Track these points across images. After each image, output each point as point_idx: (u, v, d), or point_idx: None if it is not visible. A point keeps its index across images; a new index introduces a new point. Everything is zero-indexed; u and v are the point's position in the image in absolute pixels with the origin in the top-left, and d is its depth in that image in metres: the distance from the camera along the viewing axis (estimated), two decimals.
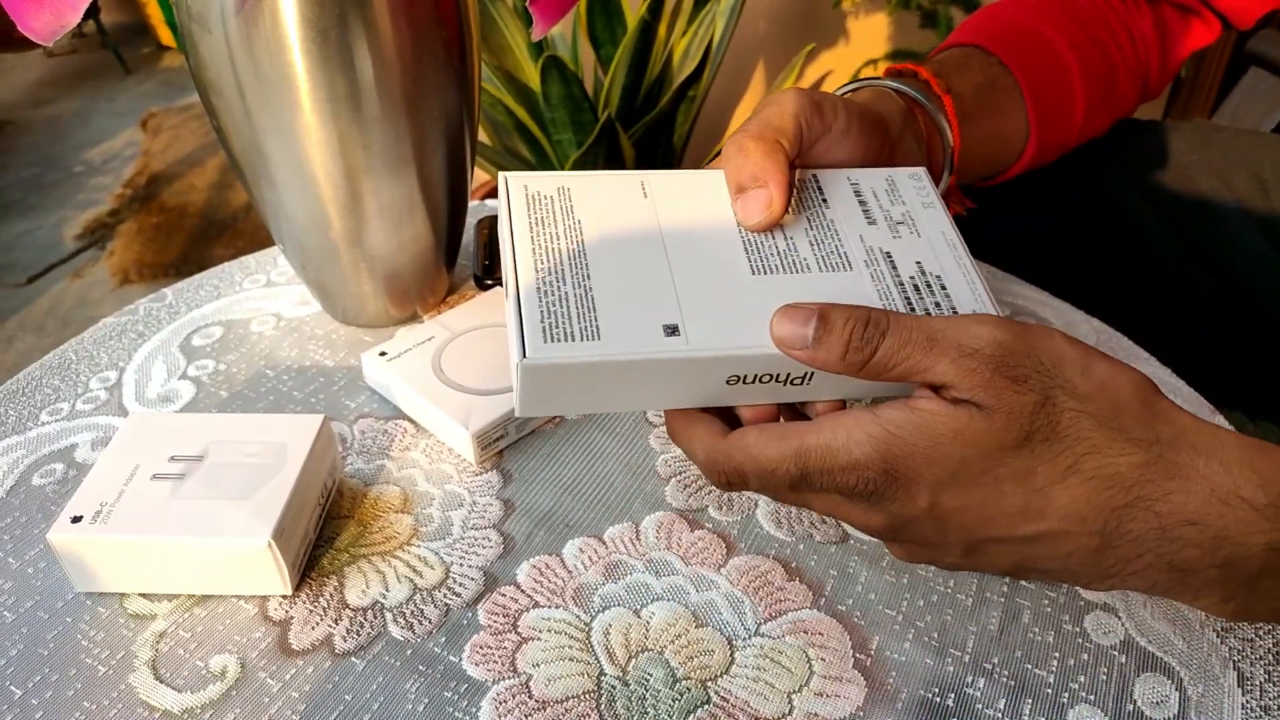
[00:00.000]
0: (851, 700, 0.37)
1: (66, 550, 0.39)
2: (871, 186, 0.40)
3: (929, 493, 0.32)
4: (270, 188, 0.50)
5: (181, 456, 0.42)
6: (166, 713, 0.36)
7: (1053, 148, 0.61)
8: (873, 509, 0.33)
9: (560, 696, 0.36)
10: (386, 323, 0.58)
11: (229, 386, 0.53)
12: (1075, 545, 0.32)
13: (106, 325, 0.58)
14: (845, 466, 0.32)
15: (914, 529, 0.34)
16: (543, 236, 0.35)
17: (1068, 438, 0.31)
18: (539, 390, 0.33)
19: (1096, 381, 0.31)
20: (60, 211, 2.42)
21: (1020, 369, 0.31)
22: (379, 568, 0.42)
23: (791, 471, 0.33)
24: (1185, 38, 0.65)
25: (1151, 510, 0.30)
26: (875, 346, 0.32)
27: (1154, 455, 0.31)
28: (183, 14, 0.46)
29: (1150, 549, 0.31)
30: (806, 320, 0.32)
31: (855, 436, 0.32)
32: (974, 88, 0.54)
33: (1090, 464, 0.31)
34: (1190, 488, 0.30)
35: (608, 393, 0.34)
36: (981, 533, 0.33)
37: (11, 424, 0.50)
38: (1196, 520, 0.30)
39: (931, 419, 0.31)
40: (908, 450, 0.31)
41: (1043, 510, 0.31)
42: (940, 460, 0.31)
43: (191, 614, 0.40)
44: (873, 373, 0.32)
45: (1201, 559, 0.31)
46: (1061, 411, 0.31)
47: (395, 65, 0.46)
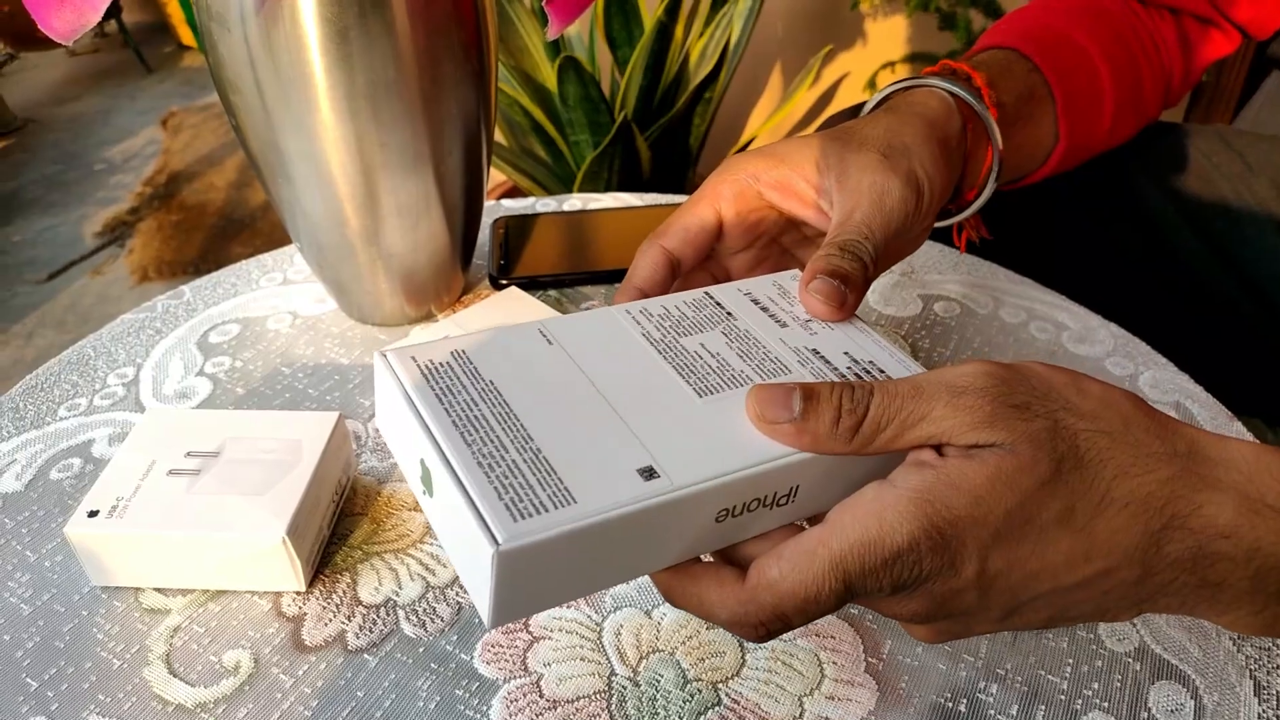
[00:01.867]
0: (863, 704, 0.36)
1: (83, 544, 0.39)
2: (764, 293, 0.37)
3: (976, 559, 0.29)
4: (288, 186, 0.50)
5: (197, 452, 0.42)
6: (180, 707, 0.36)
7: (1079, 154, 0.60)
8: (908, 596, 0.29)
9: (571, 696, 0.36)
10: (402, 321, 0.58)
11: (245, 383, 0.53)
12: (1116, 580, 0.30)
13: (125, 322, 0.59)
14: (890, 558, 0.28)
15: (954, 603, 0.30)
16: (457, 408, 0.29)
17: (1093, 462, 0.29)
18: (517, 583, 0.27)
19: (1095, 398, 0.30)
20: (81, 209, 2.45)
21: (1018, 396, 0.29)
22: (392, 565, 0.42)
23: (836, 589, 0.28)
24: (1206, 48, 0.65)
25: (1186, 528, 0.29)
26: (866, 405, 0.30)
27: (1178, 469, 0.29)
28: (202, 13, 0.46)
29: (1186, 569, 0.30)
30: (788, 397, 0.30)
31: (888, 519, 0.28)
32: (1015, 97, 0.53)
33: (1122, 489, 0.29)
34: (1219, 499, 0.29)
35: (591, 566, 0.29)
36: (1026, 592, 0.30)
37: (30, 419, 0.51)
38: (1230, 534, 0.29)
39: (960, 474, 0.28)
40: (948, 516, 0.28)
41: (1088, 553, 0.29)
42: (984, 519, 0.28)
43: (206, 609, 0.40)
44: (865, 438, 0.30)
45: (1234, 572, 0.30)
46: (1076, 434, 0.29)
47: (413, 64, 0.46)
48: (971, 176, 0.50)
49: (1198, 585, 0.30)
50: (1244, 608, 0.31)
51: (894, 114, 0.44)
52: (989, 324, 0.57)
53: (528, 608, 0.29)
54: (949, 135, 0.45)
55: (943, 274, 0.62)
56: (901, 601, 0.30)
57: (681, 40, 1.49)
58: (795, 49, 1.89)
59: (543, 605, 0.30)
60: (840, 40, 1.84)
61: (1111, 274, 0.68)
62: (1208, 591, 0.30)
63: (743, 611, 0.29)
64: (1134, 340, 0.56)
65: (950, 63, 0.52)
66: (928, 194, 0.40)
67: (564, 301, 0.60)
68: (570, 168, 1.53)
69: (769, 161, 0.41)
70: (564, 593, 0.29)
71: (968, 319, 0.58)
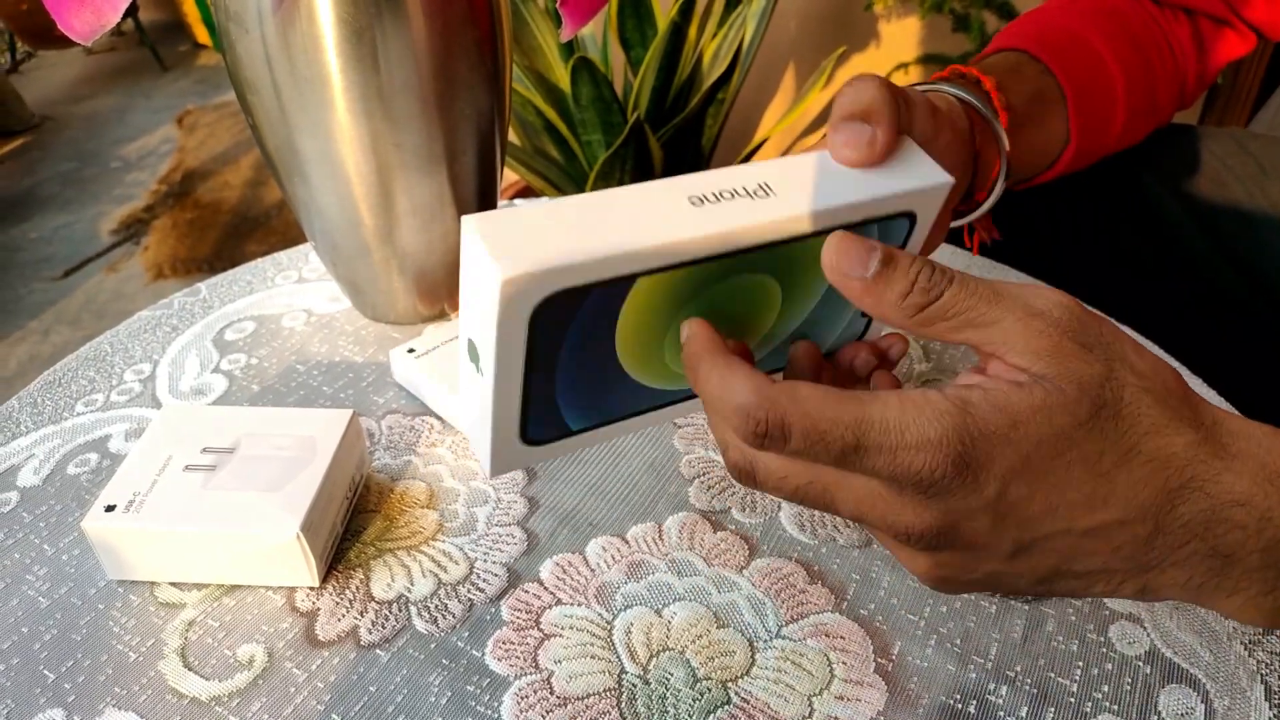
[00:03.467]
0: (872, 705, 0.36)
1: (100, 538, 0.40)
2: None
3: (998, 482, 0.29)
4: (303, 185, 0.51)
5: (213, 448, 0.42)
6: (194, 700, 0.37)
7: (1090, 155, 0.60)
8: (926, 503, 0.30)
9: (582, 693, 0.37)
10: (415, 320, 0.58)
11: (260, 380, 0.54)
12: (1128, 535, 0.30)
13: (141, 319, 0.59)
14: (914, 445, 0.28)
15: (966, 527, 0.30)
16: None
17: (1130, 415, 0.30)
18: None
19: (1149, 361, 0.31)
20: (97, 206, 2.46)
21: (1086, 336, 0.30)
22: (404, 562, 0.42)
23: (847, 439, 0.28)
24: (1221, 48, 0.64)
25: (1203, 491, 0.30)
26: (941, 291, 0.30)
27: (1203, 435, 0.30)
28: (220, 13, 0.46)
29: (1197, 534, 0.30)
30: (867, 254, 0.30)
31: (926, 413, 0.28)
32: (1025, 99, 0.53)
33: (1150, 444, 0.30)
34: (1239, 467, 0.30)
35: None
36: (1039, 528, 0.30)
37: (48, 414, 0.51)
38: (1245, 501, 0.30)
39: (1006, 396, 0.29)
40: (984, 430, 0.28)
41: (1106, 498, 0.30)
42: (1017, 441, 0.29)
43: (220, 603, 0.40)
44: (928, 321, 0.30)
45: (1246, 542, 0.30)
46: (1124, 386, 0.30)
47: (428, 65, 0.47)
48: (981, 178, 0.50)
49: (1208, 554, 0.30)
50: (1254, 586, 0.31)
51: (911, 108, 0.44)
52: None
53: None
54: (957, 129, 0.45)
55: None
56: (917, 509, 0.30)
57: (695, 41, 1.50)
58: (808, 50, 1.89)
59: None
60: (854, 41, 1.83)
61: (1123, 276, 0.68)
62: (1217, 564, 0.30)
63: (754, 403, 0.29)
64: (1146, 342, 0.56)
65: (960, 68, 0.52)
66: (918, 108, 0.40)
67: None
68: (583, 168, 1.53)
69: None
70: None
71: None
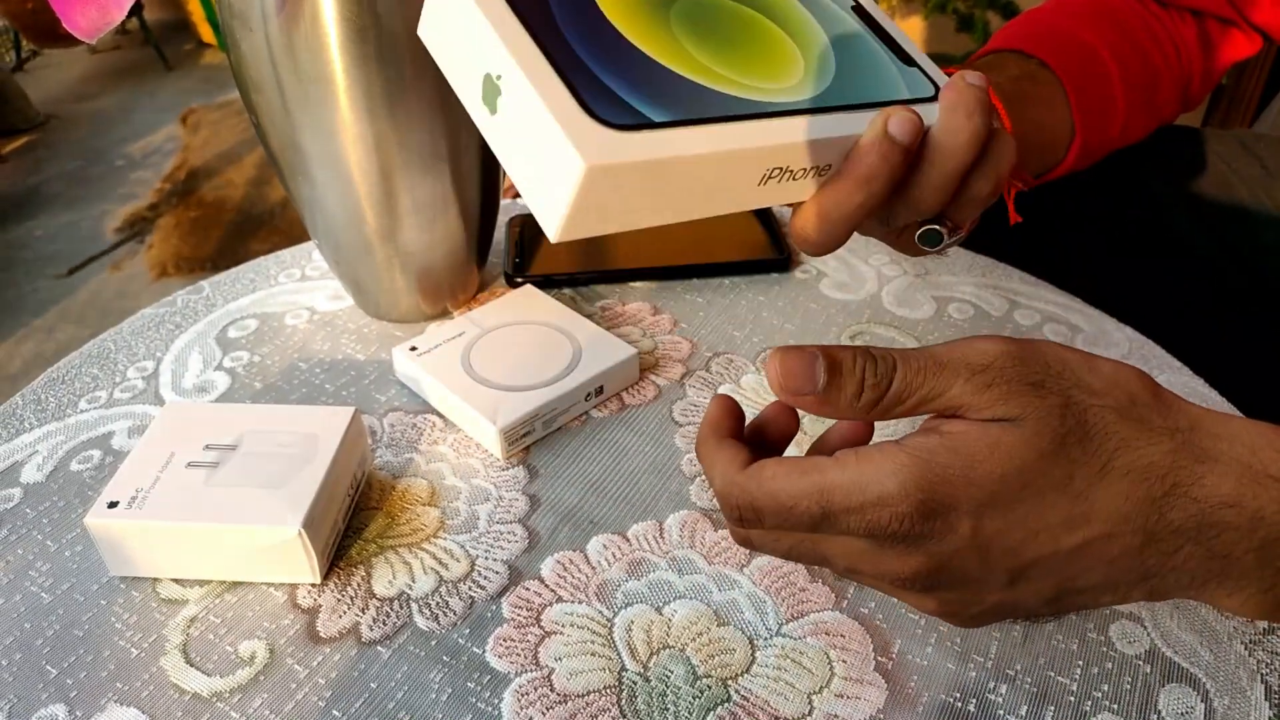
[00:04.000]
0: (872, 703, 0.37)
1: (102, 534, 0.40)
2: None
3: (970, 519, 0.30)
4: (307, 184, 0.51)
5: (216, 445, 0.42)
6: (196, 695, 0.37)
7: (1096, 147, 0.60)
8: (907, 552, 0.31)
9: (582, 690, 0.37)
10: (418, 318, 0.58)
11: (263, 378, 0.54)
12: (1120, 548, 0.31)
13: (144, 316, 0.59)
14: (875, 501, 0.30)
15: (954, 566, 0.31)
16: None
17: (1098, 435, 0.30)
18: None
19: (1105, 377, 0.31)
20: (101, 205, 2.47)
21: (1034, 375, 0.30)
22: (406, 559, 0.42)
23: (812, 510, 0.30)
24: (1227, 49, 0.65)
25: (1189, 496, 0.30)
26: (889, 381, 0.31)
27: (1179, 442, 0.30)
28: (225, 12, 0.46)
29: (1191, 538, 0.30)
30: (811, 367, 0.30)
31: (884, 468, 0.30)
32: (1011, 79, 0.54)
33: (1124, 459, 0.30)
34: (1221, 469, 0.30)
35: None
36: (1027, 553, 0.31)
37: (51, 410, 0.51)
38: (1233, 502, 0.30)
39: (963, 439, 0.30)
40: (943, 475, 0.29)
41: (1086, 515, 0.30)
42: (979, 480, 0.29)
43: (222, 600, 0.41)
44: (885, 411, 0.31)
45: (1240, 542, 0.30)
46: (1085, 409, 0.30)
47: (431, 64, 0.47)
48: None
49: (1206, 556, 0.30)
50: (1252, 585, 0.31)
51: None
52: (1003, 326, 0.57)
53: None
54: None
55: (957, 276, 0.62)
56: (899, 558, 0.31)
57: None
58: None
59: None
60: None
61: (1127, 276, 0.68)
62: (1216, 565, 0.30)
63: (728, 490, 0.32)
64: (1149, 344, 0.56)
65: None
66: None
67: (578, 300, 0.60)
68: None
69: None
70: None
71: (982, 321, 0.58)
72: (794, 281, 0.62)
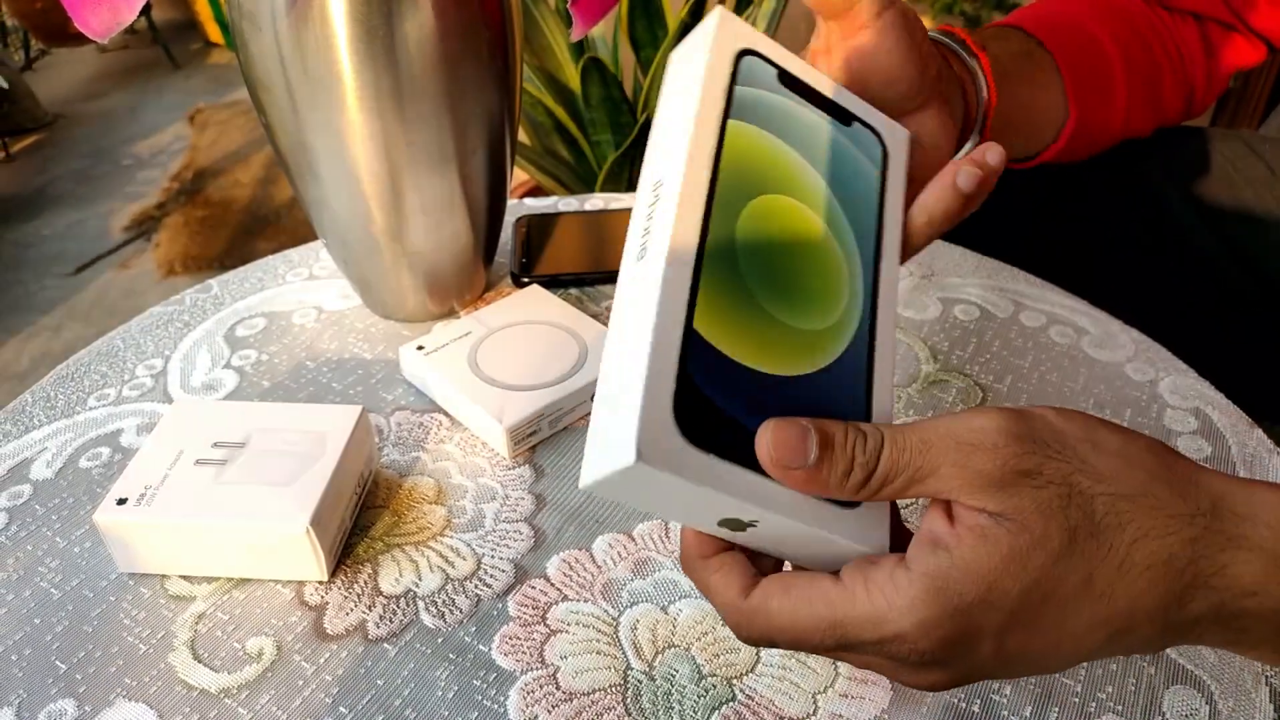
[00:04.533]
0: (876, 703, 0.37)
1: (111, 531, 0.40)
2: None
3: (993, 640, 0.28)
4: (315, 183, 0.51)
5: (224, 443, 0.43)
6: (204, 692, 0.37)
7: (1094, 132, 0.60)
8: (928, 669, 0.29)
9: (587, 689, 0.37)
10: (425, 318, 0.58)
11: (271, 376, 0.54)
12: (1138, 637, 0.29)
13: (153, 314, 0.60)
14: (894, 637, 0.28)
15: (976, 675, 0.30)
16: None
17: (1111, 528, 0.28)
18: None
19: (1112, 454, 0.29)
20: (109, 203, 2.48)
21: (1030, 459, 0.28)
22: (412, 557, 0.43)
23: (828, 642, 0.29)
24: (1229, 53, 0.65)
25: (1209, 586, 0.28)
26: (877, 457, 0.29)
27: (1200, 528, 0.28)
28: (234, 11, 0.47)
29: (1209, 622, 0.29)
30: (803, 441, 0.28)
31: (897, 604, 0.28)
32: (1011, 55, 0.55)
33: (1142, 551, 0.28)
34: (1246, 557, 0.28)
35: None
36: (1050, 661, 0.29)
37: (60, 408, 0.52)
38: (1256, 591, 0.28)
39: (973, 556, 0.28)
40: (960, 605, 0.27)
41: (1108, 619, 0.28)
42: (998, 602, 0.28)
43: (230, 596, 0.41)
44: (874, 490, 0.29)
45: (1259, 626, 0.29)
46: (1092, 499, 0.28)
47: (439, 65, 0.47)
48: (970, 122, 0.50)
49: (1222, 634, 0.29)
50: (1267, 647, 0.30)
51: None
52: (1009, 328, 0.57)
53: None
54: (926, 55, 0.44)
55: (963, 277, 0.62)
56: (918, 672, 0.30)
57: None
58: None
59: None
60: None
61: (1133, 279, 0.68)
62: (1232, 635, 0.30)
63: (737, 619, 0.30)
64: (1155, 346, 0.56)
65: (945, 27, 0.53)
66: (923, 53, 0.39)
67: (584, 300, 0.61)
68: (592, 168, 1.53)
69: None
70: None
71: (987, 323, 0.58)
72: None
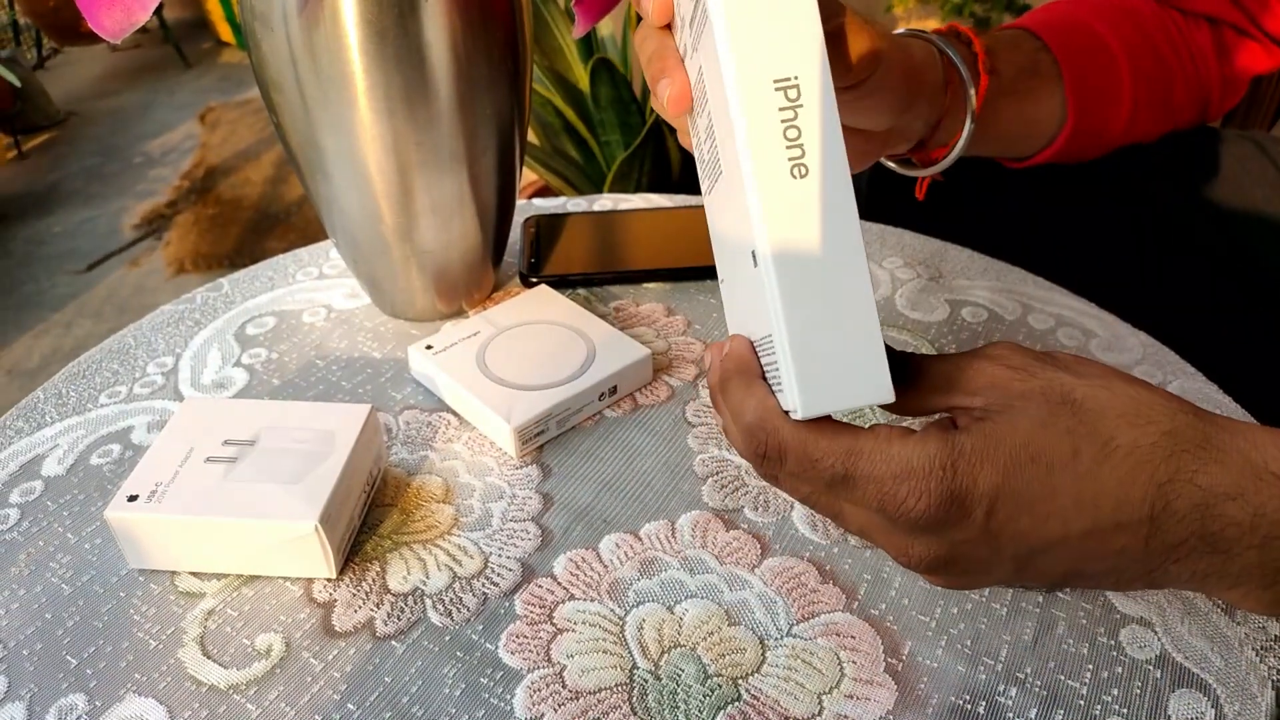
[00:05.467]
0: (882, 704, 0.37)
1: (122, 527, 0.40)
2: None
3: (985, 503, 0.30)
4: (326, 182, 0.51)
5: (234, 441, 0.43)
6: (213, 688, 0.37)
7: (1094, 136, 0.61)
8: (920, 536, 0.32)
9: (593, 688, 0.37)
10: (433, 317, 0.59)
11: (280, 375, 0.54)
12: (1126, 539, 0.31)
13: (164, 313, 0.60)
14: (900, 474, 0.30)
15: (963, 554, 0.32)
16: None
17: (1093, 410, 0.31)
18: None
19: (1096, 370, 0.32)
20: (120, 201, 2.49)
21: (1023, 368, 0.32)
22: (420, 555, 0.43)
23: (835, 468, 0.31)
24: (1243, 58, 0.65)
25: (1193, 484, 0.30)
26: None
27: (1181, 424, 0.31)
28: (246, 12, 0.47)
29: (1194, 531, 0.30)
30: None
31: (911, 445, 0.31)
32: (1016, 69, 0.56)
33: (1126, 436, 0.30)
34: (1224, 459, 0.30)
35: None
36: (1036, 539, 0.31)
37: (72, 405, 0.52)
38: (1236, 494, 0.30)
39: (978, 430, 0.31)
40: (964, 452, 0.30)
41: (1095, 499, 0.30)
42: (994, 458, 0.30)
43: (239, 593, 0.41)
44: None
45: (1241, 538, 0.30)
46: (1071, 387, 0.31)
47: (450, 66, 0.47)
48: (946, 134, 0.52)
49: (1206, 550, 0.31)
50: (1252, 580, 0.31)
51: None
52: (1017, 330, 0.58)
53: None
54: (924, 80, 0.47)
55: (971, 279, 0.62)
56: (914, 540, 0.32)
57: None
58: None
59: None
60: None
61: (1141, 281, 0.68)
62: (1218, 560, 0.31)
63: (761, 426, 0.32)
64: (1163, 349, 0.56)
65: (959, 26, 0.53)
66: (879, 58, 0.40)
67: (593, 300, 0.61)
68: (601, 168, 1.54)
69: None
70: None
71: (995, 325, 0.58)
72: None
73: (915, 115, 0.49)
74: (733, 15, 0.29)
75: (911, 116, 0.48)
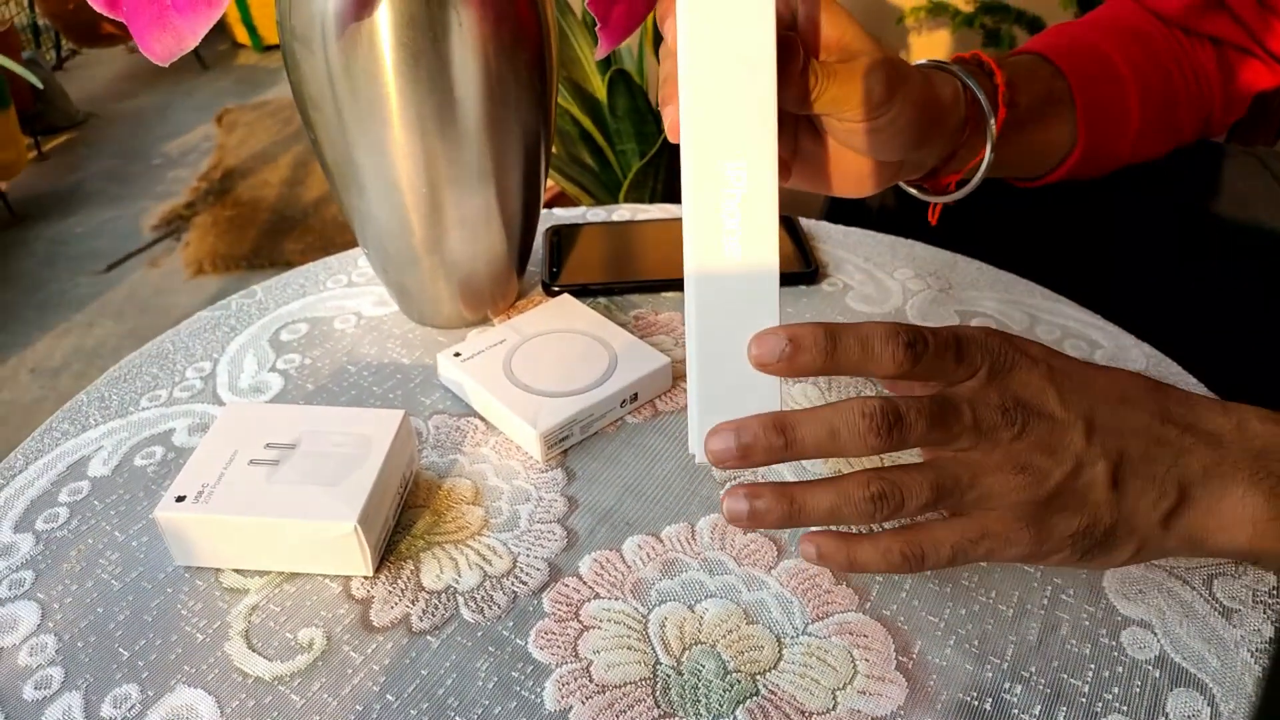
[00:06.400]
0: (893, 700, 0.39)
1: (170, 527, 0.42)
2: None
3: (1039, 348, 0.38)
4: (359, 196, 0.54)
5: (276, 444, 0.45)
6: (259, 679, 0.39)
7: (1101, 158, 0.62)
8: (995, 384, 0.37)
9: (619, 682, 0.39)
10: (459, 325, 0.61)
11: (314, 380, 0.57)
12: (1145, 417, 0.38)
13: (201, 319, 0.62)
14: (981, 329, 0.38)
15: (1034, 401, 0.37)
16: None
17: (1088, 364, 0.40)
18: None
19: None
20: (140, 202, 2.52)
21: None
22: (452, 555, 0.45)
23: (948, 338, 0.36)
24: (1246, 77, 0.66)
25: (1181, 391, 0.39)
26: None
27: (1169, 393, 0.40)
28: (286, 34, 0.49)
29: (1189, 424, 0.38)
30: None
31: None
32: (1033, 99, 0.57)
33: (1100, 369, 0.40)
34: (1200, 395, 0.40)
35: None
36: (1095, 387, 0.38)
37: (115, 408, 0.54)
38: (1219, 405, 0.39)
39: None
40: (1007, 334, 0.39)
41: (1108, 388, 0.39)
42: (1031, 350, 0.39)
43: (281, 590, 0.43)
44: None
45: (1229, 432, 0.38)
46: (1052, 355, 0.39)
47: (480, 87, 0.49)
48: (960, 162, 0.54)
49: (1204, 441, 0.38)
50: (1241, 471, 0.37)
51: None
52: None
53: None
54: (944, 121, 0.50)
55: (979, 291, 0.64)
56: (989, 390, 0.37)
57: None
58: None
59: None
60: None
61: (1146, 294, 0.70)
62: (1214, 454, 0.37)
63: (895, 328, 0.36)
64: (1166, 361, 0.57)
65: (981, 54, 0.55)
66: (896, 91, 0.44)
67: (613, 308, 0.63)
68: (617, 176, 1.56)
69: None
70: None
71: None
72: (821, 294, 0.64)
73: (929, 152, 0.50)
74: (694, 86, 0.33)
75: (925, 153, 0.50)
